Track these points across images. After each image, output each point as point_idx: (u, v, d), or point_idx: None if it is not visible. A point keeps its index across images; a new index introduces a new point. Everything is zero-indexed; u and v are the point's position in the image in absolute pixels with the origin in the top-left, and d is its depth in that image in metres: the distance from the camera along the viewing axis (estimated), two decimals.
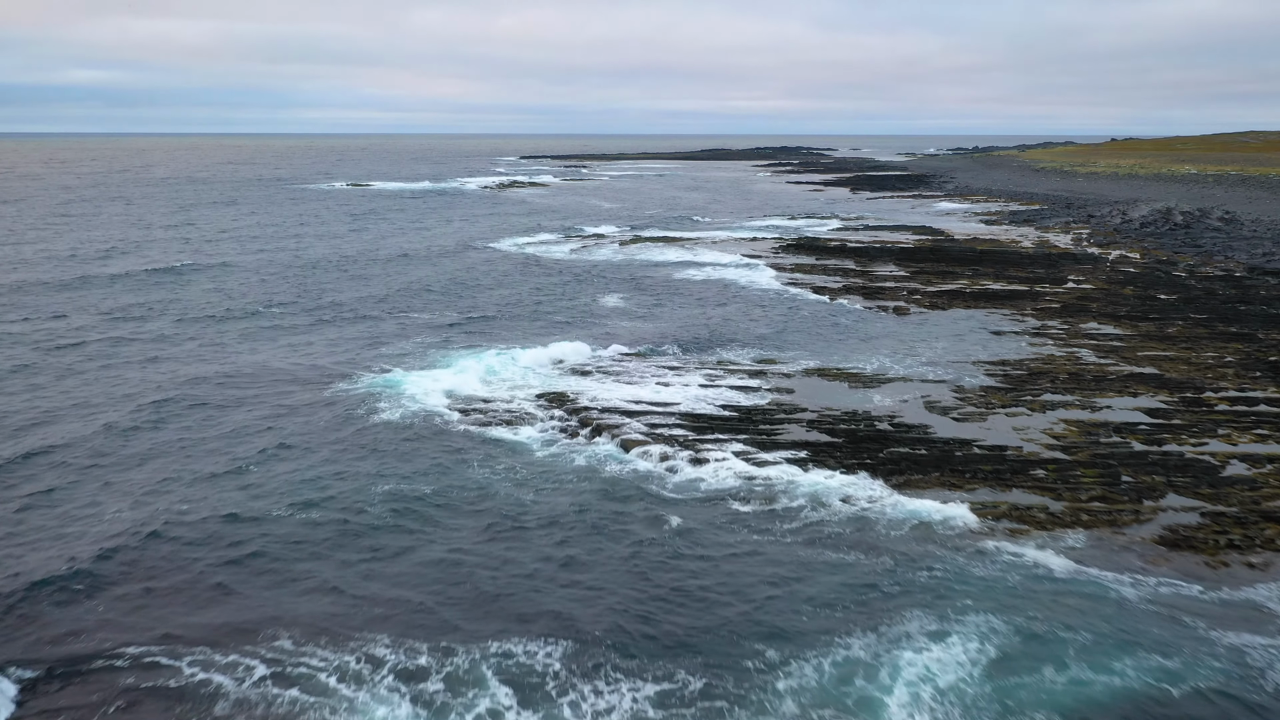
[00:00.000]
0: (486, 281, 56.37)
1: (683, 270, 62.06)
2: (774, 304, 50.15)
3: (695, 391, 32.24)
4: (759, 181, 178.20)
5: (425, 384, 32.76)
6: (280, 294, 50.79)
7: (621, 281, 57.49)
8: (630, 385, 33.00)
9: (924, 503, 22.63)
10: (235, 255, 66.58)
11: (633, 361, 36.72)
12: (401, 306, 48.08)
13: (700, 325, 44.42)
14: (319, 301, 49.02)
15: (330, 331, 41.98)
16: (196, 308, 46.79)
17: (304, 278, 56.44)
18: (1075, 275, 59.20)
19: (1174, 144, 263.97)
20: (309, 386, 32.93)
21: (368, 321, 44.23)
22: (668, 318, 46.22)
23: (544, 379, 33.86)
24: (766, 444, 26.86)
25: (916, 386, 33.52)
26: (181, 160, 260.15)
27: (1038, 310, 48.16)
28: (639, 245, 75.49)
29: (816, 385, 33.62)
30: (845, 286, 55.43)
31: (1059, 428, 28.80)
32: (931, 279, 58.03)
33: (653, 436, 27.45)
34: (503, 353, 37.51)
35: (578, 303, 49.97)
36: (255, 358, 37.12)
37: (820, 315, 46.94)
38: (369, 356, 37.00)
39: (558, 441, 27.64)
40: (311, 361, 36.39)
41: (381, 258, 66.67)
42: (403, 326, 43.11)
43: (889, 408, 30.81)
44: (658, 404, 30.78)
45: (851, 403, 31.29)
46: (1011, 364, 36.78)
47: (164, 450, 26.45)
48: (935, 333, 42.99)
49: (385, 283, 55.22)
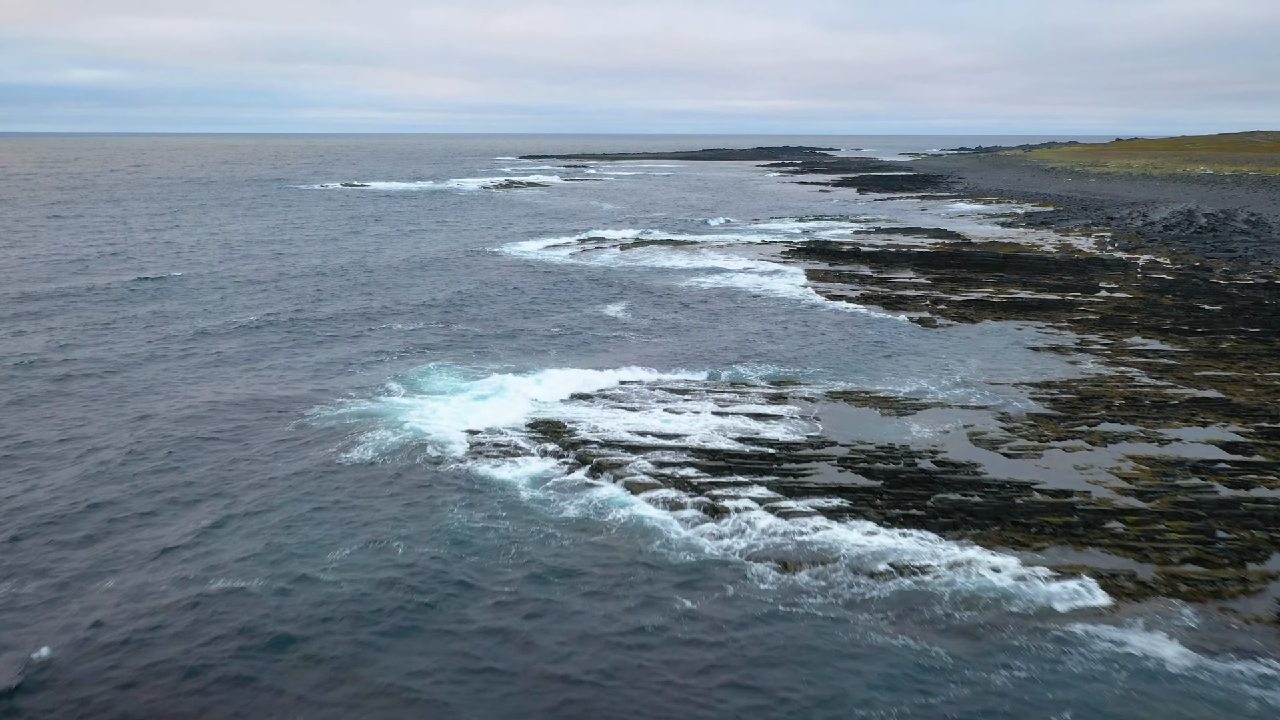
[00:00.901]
0: (480, 291, 52.63)
1: (689, 277, 58.36)
2: (788, 315, 46.44)
3: (708, 420, 28.54)
4: (763, 182, 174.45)
5: (408, 416, 29.01)
6: (262, 308, 46.75)
7: (624, 289, 53.80)
8: (635, 413, 29.30)
9: (988, 569, 18.92)
10: (218, 264, 62.78)
11: (637, 383, 33.01)
12: (388, 321, 44.10)
13: (710, 340, 40.73)
14: (302, 315, 45.15)
15: (312, 352, 37.88)
16: (170, 326, 42.62)
17: (288, 289, 52.43)
18: (1107, 282, 55.51)
19: (1182, 144, 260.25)
20: (281, 419, 29.16)
21: (351, 340, 40.21)
22: (675, 331, 42.52)
23: (539, 405, 30.14)
24: (793, 488, 23.15)
25: (956, 414, 29.80)
26: (178, 160, 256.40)
27: (1074, 322, 44.46)
28: (642, 249, 71.80)
29: (844, 412, 29.91)
30: (864, 295, 51.71)
31: (1126, 466, 25.10)
32: (954, 287, 54.32)
33: (661, 478, 23.77)
34: (495, 375, 33.82)
35: (577, 314, 46.24)
36: (225, 386, 33.22)
37: (840, 328, 43.23)
38: (347, 384, 32.88)
39: (552, 482, 23.97)
40: (287, 390, 32.49)
41: (370, 265, 62.94)
42: (388, 344, 39.20)
43: (929, 440, 27.10)
44: (666, 436, 27.08)
45: (886, 434, 27.59)
46: (1058, 386, 33.07)
47: (111, 515, 22.62)
48: (966, 348, 39.30)
49: (372, 294, 51.37)
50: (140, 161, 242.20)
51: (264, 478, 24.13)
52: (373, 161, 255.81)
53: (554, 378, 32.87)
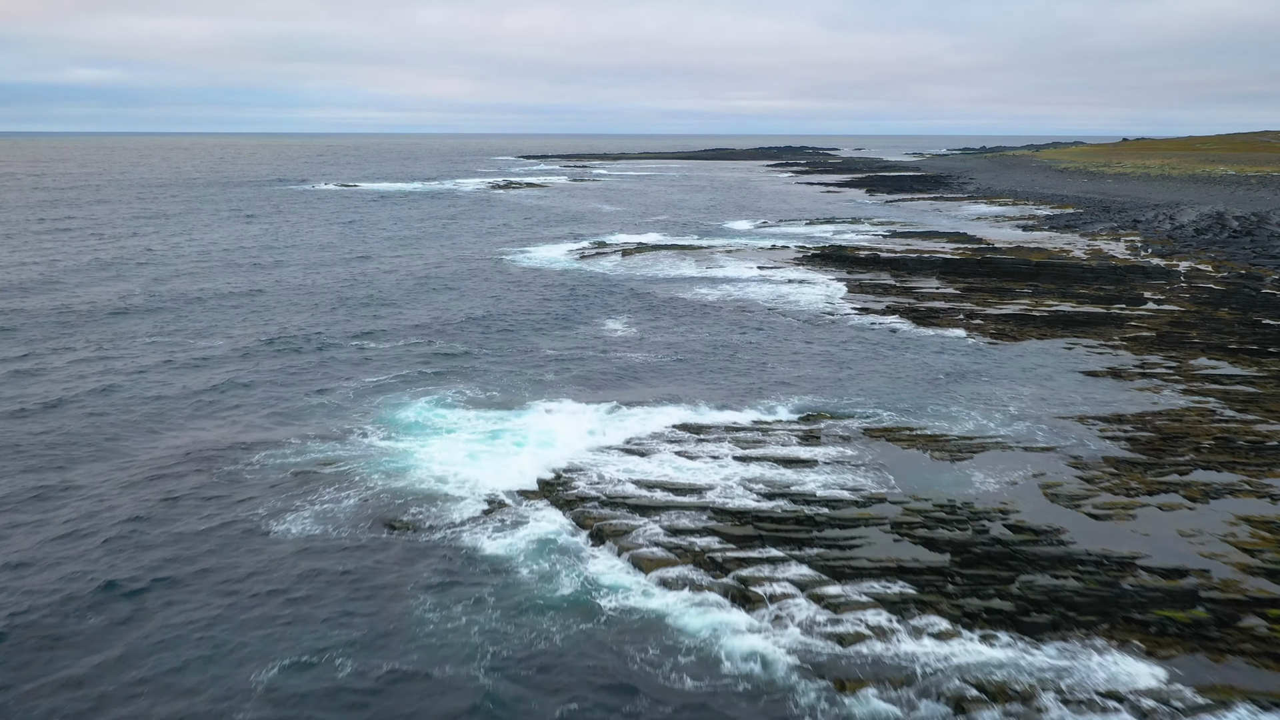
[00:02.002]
0: (467, 305, 48.10)
1: (698, 287, 53.89)
2: (810, 332, 41.97)
3: (729, 467, 24.11)
4: (768, 182, 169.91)
5: (375, 466, 24.59)
6: (229, 330, 41.73)
7: (627, 301, 49.35)
8: (644, 458, 24.83)
9: (1110, 693, 14.46)
10: (194, 278, 58.37)
11: (644, 418, 28.53)
12: (366, 341, 39.38)
13: (725, 363, 36.27)
14: (271, 337, 40.46)
15: (277, 382, 32.75)
16: (124, 354, 38.06)
17: (262, 307, 47.02)
18: (1150, 292, 51.05)
19: (1193, 144, 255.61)
20: (219, 470, 24.70)
21: (324, 366, 35.28)
22: (685, 353, 38.05)
23: (531, 450, 25.66)
24: (841, 568, 18.68)
25: (1020, 458, 25.34)
26: (174, 161, 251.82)
27: (1128, 340, 40.00)
28: (647, 255, 67.31)
29: (889, 455, 25.45)
30: (890, 307, 47.23)
31: (1241, 532, 20.65)
32: (987, 298, 49.85)
33: (676, 550, 19.33)
34: (481, 411, 29.38)
35: (576, 333, 41.72)
36: (163, 429, 28.81)
37: (869, 347, 38.77)
38: (311, 423, 28.09)
39: (543, 554, 19.55)
40: (238, 431, 27.88)
41: (354, 276, 58.42)
42: (365, 371, 34.51)
43: (996, 495, 22.65)
44: (681, 490, 22.63)
45: (944, 486, 23.13)
46: (1131, 421, 28.59)
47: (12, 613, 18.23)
48: (1014, 371, 34.86)
49: (352, 310, 46.50)
50: (136, 162, 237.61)
51: (178, 555, 19.64)
52: (370, 161, 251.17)
53: (548, 415, 28.40)
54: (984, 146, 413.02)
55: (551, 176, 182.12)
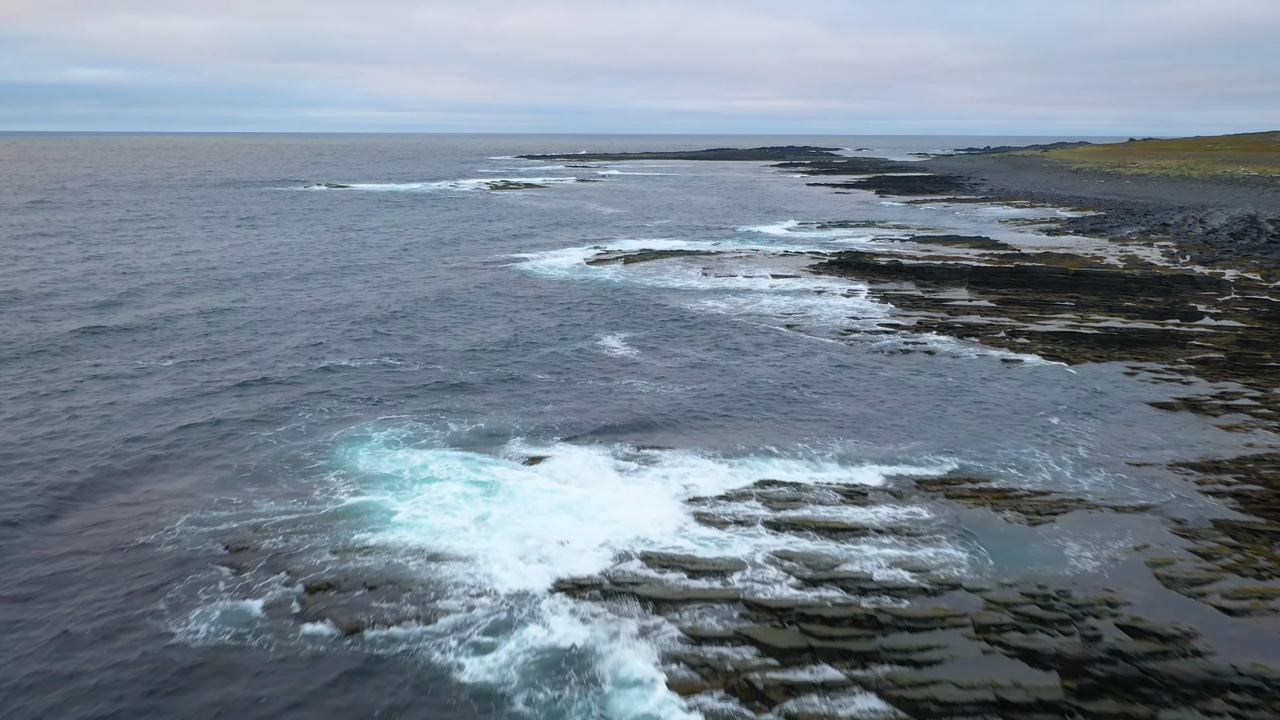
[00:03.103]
0: (452, 319, 43.59)
1: (706, 299, 49.44)
2: (837, 352, 37.53)
3: (759, 537, 19.69)
4: (773, 183, 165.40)
5: (324, 533, 20.20)
6: (181, 354, 36.99)
7: (630, 316, 44.90)
8: (656, 526, 20.39)
9: None
10: (156, 294, 53.94)
11: (653, 469, 24.10)
12: (335, 367, 34.52)
13: (743, 392, 31.82)
14: (226, 360, 36.18)
15: (219, 420, 28.00)
16: (61, 393, 33.79)
17: (224, 324, 42.45)
18: (1204, 305, 46.58)
19: (1204, 144, 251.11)
20: (128, 534, 20.31)
21: (277, 402, 30.06)
22: (696, 380, 33.61)
23: (522, 513, 21.21)
24: (920, 701, 14.23)
25: (1111, 521, 20.91)
26: (168, 160, 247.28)
27: (1196, 364, 35.57)
28: (650, 263, 62.84)
29: (954, 516, 21.00)
30: (922, 323, 42.75)
31: None
32: (1026, 312, 45.40)
33: (701, 668, 14.93)
34: (458, 455, 24.97)
35: (574, 356, 37.22)
36: (75, 488, 24.37)
37: (906, 372, 34.33)
38: (243, 482, 23.49)
39: (544, 677, 15.12)
40: (163, 488, 23.41)
41: (331, 288, 53.98)
42: (327, 405, 29.54)
43: (1096, 578, 18.21)
44: (701, 569, 18.22)
45: (1029, 562, 18.70)
46: (1230, 470, 24.14)
47: None
48: (1076, 402, 30.42)
49: (322, 327, 41.63)
50: (128, 162, 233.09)
51: (37, 677, 15.18)
52: (367, 161, 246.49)
53: (542, 464, 23.94)
54: (988, 147, 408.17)
55: (551, 177, 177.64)
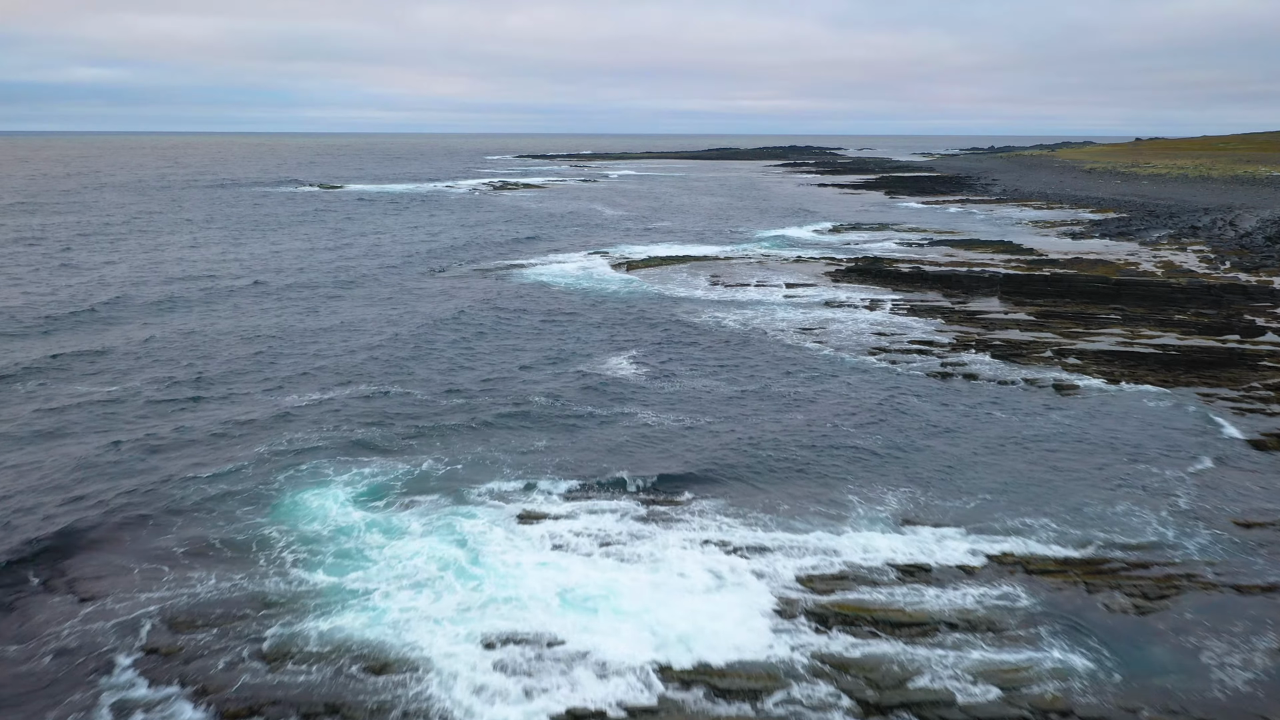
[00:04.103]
0: (438, 339, 39.26)
1: (717, 310, 45.26)
2: (866, 376, 33.33)
3: (800, 632, 15.53)
4: (778, 183, 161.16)
5: (250, 638, 16.04)
6: (110, 380, 33.20)
7: (634, 329, 40.76)
8: (668, 607, 16.21)
9: None
10: (107, 311, 49.80)
11: (666, 523, 19.92)
12: (288, 406, 29.24)
13: (766, 427, 27.61)
14: (160, 385, 32.16)
15: (136, 469, 23.74)
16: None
17: (165, 346, 37.52)
18: (1263, 319, 42.41)
19: (1214, 143, 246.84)
20: None
21: (215, 437, 25.81)
22: (710, 409, 29.42)
23: (512, 602, 17.06)
24: None
25: (1237, 606, 16.76)
26: (165, 160, 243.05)
27: (1273, 388, 31.40)
28: (655, 269, 58.67)
29: (1040, 603, 16.80)
30: (959, 340, 38.54)
31: None
32: (1069, 326, 41.23)
33: None
34: (438, 514, 20.81)
35: (570, 376, 33.02)
36: None
37: (947, 400, 30.12)
38: (152, 554, 19.12)
39: None
40: (50, 596, 19.34)
41: (300, 301, 49.85)
42: (276, 442, 25.12)
43: (1247, 697, 14.05)
44: (720, 685, 14.04)
45: (1153, 670, 14.56)
46: None
47: None
48: (1154, 440, 26.23)
49: (284, 348, 36.67)
50: (124, 162, 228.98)
51: None
52: (364, 161, 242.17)
53: (531, 528, 19.73)
54: (992, 146, 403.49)
55: (551, 177, 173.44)
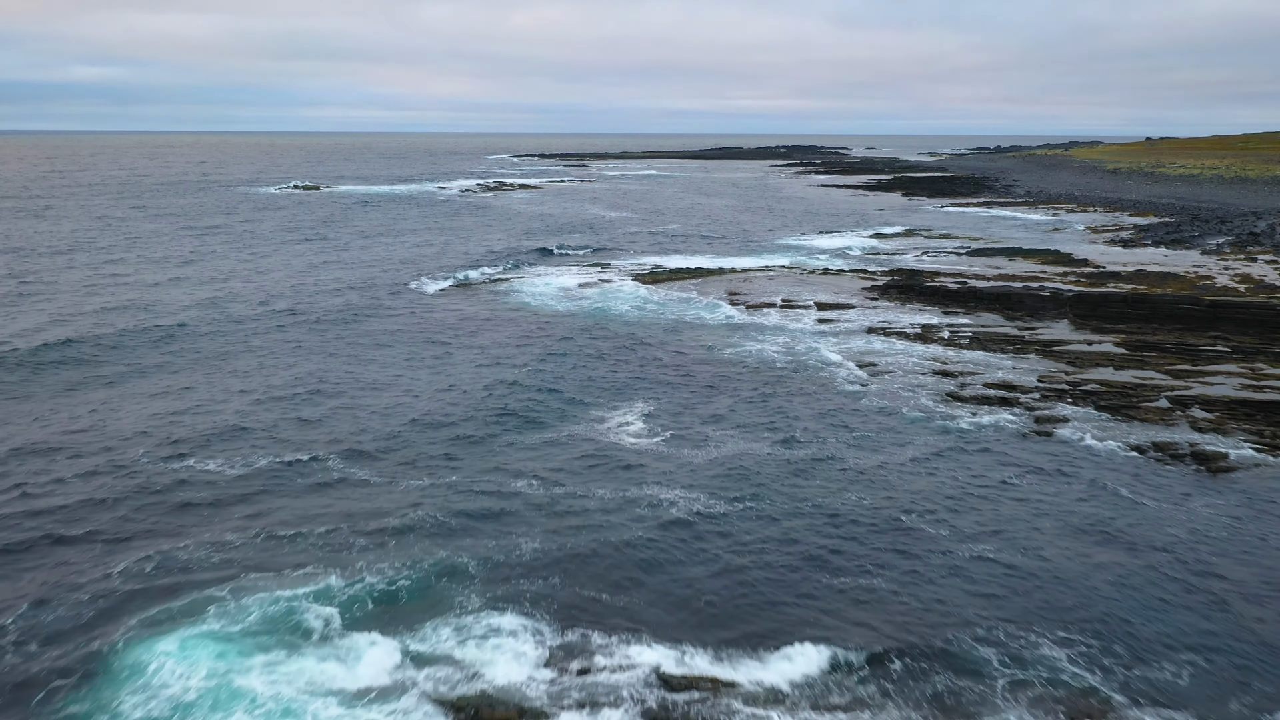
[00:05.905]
0: (395, 381, 31.80)
1: (741, 339, 37.85)
2: (940, 440, 25.85)
3: None
4: (787, 184, 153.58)
5: None
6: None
7: (642, 366, 33.37)
8: None
9: None
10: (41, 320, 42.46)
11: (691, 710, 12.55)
12: (168, 483, 22.48)
13: (822, 522, 20.24)
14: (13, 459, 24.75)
15: None
16: None
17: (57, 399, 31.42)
18: None
19: (1230, 142, 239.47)
20: None
21: (50, 545, 19.44)
22: (744, 490, 22.03)
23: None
24: None
25: None
26: (161, 160, 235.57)
27: None
28: (663, 285, 51.17)
29: None
30: (1046, 383, 31.06)
31: None
32: (1171, 361, 33.84)
33: None
34: (347, 692, 13.51)
35: (563, 440, 25.55)
36: None
37: (1059, 487, 22.68)
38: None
39: None
40: None
41: (235, 332, 42.44)
42: (127, 571, 18.16)
43: None
44: None
45: None
46: None
47: None
48: None
49: (190, 394, 30.59)
50: (118, 162, 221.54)
51: None
52: (360, 161, 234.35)
53: None
54: (998, 146, 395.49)
55: (550, 177, 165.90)
